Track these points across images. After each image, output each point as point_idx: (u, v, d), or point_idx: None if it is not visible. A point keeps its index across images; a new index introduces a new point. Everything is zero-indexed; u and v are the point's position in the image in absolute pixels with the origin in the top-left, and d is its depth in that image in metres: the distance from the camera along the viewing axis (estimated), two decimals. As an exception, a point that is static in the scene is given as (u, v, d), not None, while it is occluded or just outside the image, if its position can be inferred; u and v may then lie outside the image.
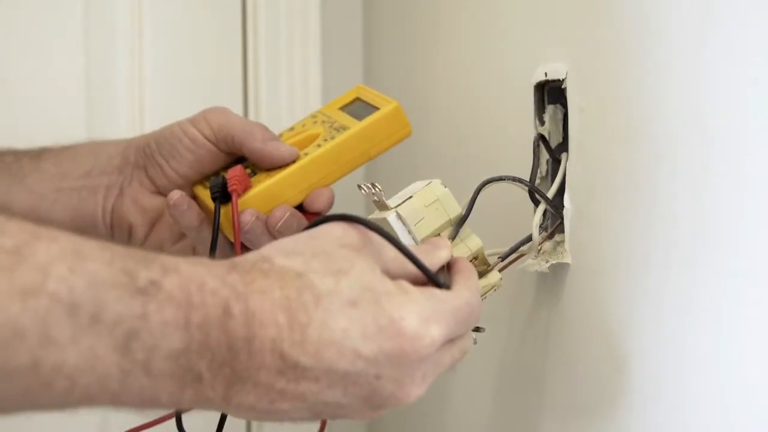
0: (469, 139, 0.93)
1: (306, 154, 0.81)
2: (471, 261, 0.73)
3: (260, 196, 0.80)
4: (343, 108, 0.89)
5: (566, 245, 0.76)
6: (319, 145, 0.81)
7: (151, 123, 1.17)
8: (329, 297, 0.57)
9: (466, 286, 0.64)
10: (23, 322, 0.49)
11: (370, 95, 0.88)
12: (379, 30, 1.22)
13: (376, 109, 0.85)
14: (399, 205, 0.71)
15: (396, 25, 1.16)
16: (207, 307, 0.54)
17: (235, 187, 0.79)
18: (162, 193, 0.85)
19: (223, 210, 0.79)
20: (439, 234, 0.72)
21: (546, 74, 0.77)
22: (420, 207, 0.71)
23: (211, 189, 0.80)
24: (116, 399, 0.53)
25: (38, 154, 0.87)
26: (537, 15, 0.81)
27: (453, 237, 0.72)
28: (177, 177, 0.84)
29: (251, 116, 1.21)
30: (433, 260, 0.65)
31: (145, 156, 0.85)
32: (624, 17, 0.68)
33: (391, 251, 0.62)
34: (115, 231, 0.86)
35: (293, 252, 0.59)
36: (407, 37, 1.12)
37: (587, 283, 0.74)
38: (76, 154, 0.87)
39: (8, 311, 0.49)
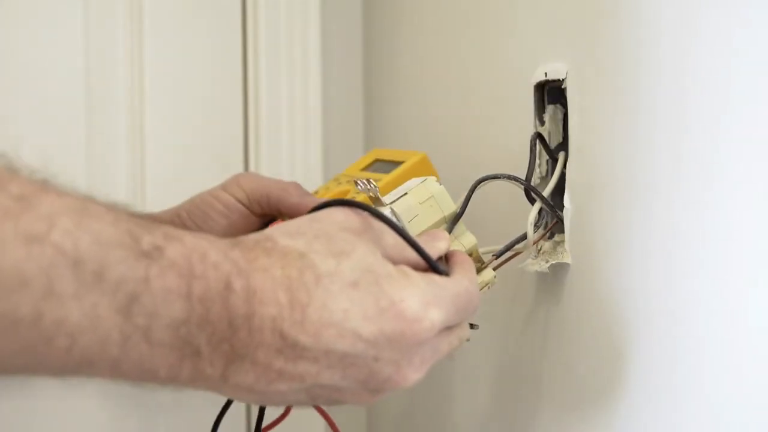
0: (468, 139, 0.93)
1: None
2: None
3: None
4: (365, 169, 0.91)
5: (566, 245, 0.76)
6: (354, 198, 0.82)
7: (151, 123, 1.17)
8: (330, 277, 0.57)
9: (466, 276, 0.64)
10: (28, 270, 0.48)
11: (389, 154, 0.91)
12: (379, 30, 1.22)
13: (396, 162, 0.88)
14: (394, 201, 0.71)
15: (396, 26, 1.16)
16: (209, 279, 0.54)
17: None
18: None
19: None
20: (434, 230, 0.72)
21: (546, 74, 0.77)
22: (414, 204, 0.71)
23: None
24: (115, 367, 0.52)
25: None
26: (537, 15, 0.81)
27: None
28: None
29: (251, 116, 1.21)
30: (432, 251, 0.65)
31: (175, 226, 0.86)
32: (624, 17, 0.68)
33: (392, 237, 0.62)
34: None
35: (296, 233, 0.60)
36: (407, 38, 1.12)
37: (587, 283, 0.74)
38: None
39: (13, 256, 0.48)
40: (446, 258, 0.67)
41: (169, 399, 1.13)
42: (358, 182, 0.71)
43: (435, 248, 0.66)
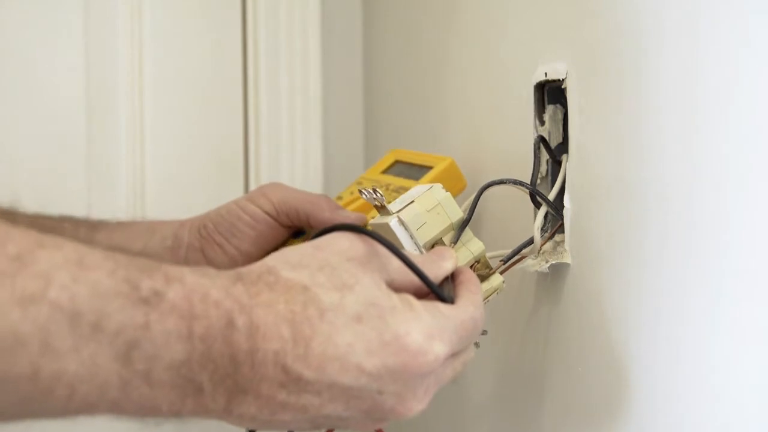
0: (469, 139, 0.93)
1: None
2: (473, 265, 0.73)
3: None
4: (385, 172, 0.90)
5: (566, 245, 0.76)
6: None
7: (151, 122, 1.17)
8: (334, 311, 0.57)
9: (471, 300, 0.64)
10: (24, 330, 0.49)
11: (410, 156, 0.90)
12: (379, 30, 1.22)
13: (422, 166, 0.86)
14: (401, 209, 0.71)
15: (396, 26, 1.16)
16: (210, 318, 0.54)
17: None
18: None
19: None
20: (441, 238, 0.72)
21: (546, 74, 0.77)
22: (422, 211, 0.71)
23: None
24: (116, 407, 0.53)
25: (94, 226, 0.87)
26: (537, 15, 0.81)
27: (455, 241, 0.72)
28: (238, 255, 0.85)
29: (251, 116, 1.21)
30: (438, 271, 0.65)
31: (201, 237, 0.85)
32: (624, 17, 0.68)
33: (397, 262, 0.62)
34: None
35: (299, 264, 0.60)
36: (407, 38, 1.12)
37: (587, 283, 0.74)
38: (130, 231, 0.87)
39: (9, 318, 0.49)
40: (452, 276, 0.67)
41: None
42: (363, 192, 0.71)
43: (441, 268, 0.66)
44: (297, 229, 0.86)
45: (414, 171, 0.89)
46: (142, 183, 1.17)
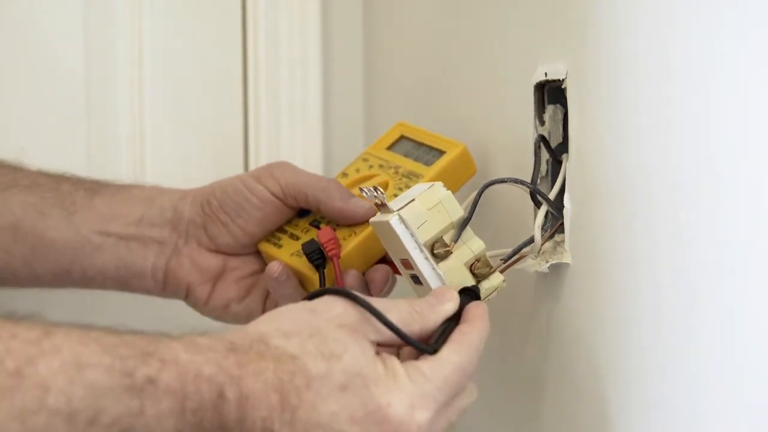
0: (469, 139, 0.93)
1: None
2: (473, 263, 0.73)
3: (355, 253, 0.81)
4: (391, 148, 0.89)
5: (566, 245, 0.76)
6: (395, 195, 0.80)
7: (151, 123, 1.17)
8: (321, 381, 0.59)
9: (457, 348, 0.65)
10: None
11: (416, 133, 0.89)
12: (379, 29, 1.22)
13: (431, 148, 0.85)
14: (401, 208, 0.71)
15: (396, 25, 1.16)
16: (202, 393, 0.57)
17: (334, 251, 0.80)
18: (222, 251, 0.85)
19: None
20: (442, 236, 0.72)
21: (546, 74, 0.77)
22: (423, 210, 0.71)
23: (309, 256, 0.81)
24: None
25: (94, 190, 0.87)
26: (537, 15, 0.81)
27: (455, 239, 0.72)
28: (243, 235, 0.85)
29: (251, 116, 1.21)
30: (437, 317, 0.67)
31: (203, 213, 0.85)
32: (624, 17, 0.68)
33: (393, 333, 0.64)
34: (169, 289, 0.86)
35: (291, 332, 0.62)
36: (407, 37, 1.12)
37: (587, 283, 0.74)
38: (130, 198, 0.87)
39: None
40: (462, 313, 0.68)
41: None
42: (364, 190, 0.71)
43: (441, 312, 0.67)
44: (304, 210, 0.85)
45: (423, 152, 0.88)
46: (142, 180, 1.17)
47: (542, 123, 0.79)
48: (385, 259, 0.82)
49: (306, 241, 0.81)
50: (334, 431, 0.59)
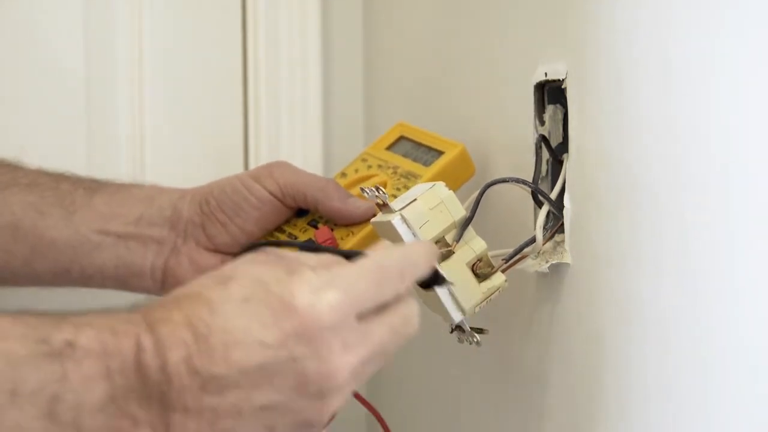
0: (469, 139, 0.93)
1: None
2: (475, 263, 0.73)
3: None
4: (390, 148, 0.89)
5: (566, 245, 0.76)
6: (394, 196, 0.80)
7: (151, 123, 1.17)
8: (221, 302, 0.58)
9: (376, 251, 0.63)
10: None
11: (416, 133, 0.89)
12: (379, 29, 1.22)
13: (430, 149, 0.85)
14: (403, 207, 0.71)
15: (396, 25, 1.16)
16: (122, 350, 0.56)
17: None
18: (220, 251, 0.85)
19: None
20: (443, 236, 0.72)
21: (546, 74, 0.77)
22: (424, 210, 0.71)
23: None
24: None
25: (94, 189, 0.87)
26: (537, 15, 0.81)
27: (457, 239, 0.72)
28: (241, 234, 0.85)
29: (251, 116, 1.21)
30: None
31: (202, 213, 0.85)
32: (624, 17, 0.68)
33: (312, 255, 0.62)
34: (167, 288, 0.86)
35: (191, 283, 0.61)
36: (407, 37, 1.12)
37: (587, 283, 0.74)
38: (129, 197, 0.87)
39: None
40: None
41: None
42: (365, 190, 0.71)
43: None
44: (302, 210, 0.85)
45: (422, 153, 0.88)
46: (142, 180, 1.17)
47: (542, 123, 0.79)
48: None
49: (303, 241, 0.82)
50: (251, 344, 0.57)
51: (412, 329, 0.63)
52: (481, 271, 0.73)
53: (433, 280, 0.67)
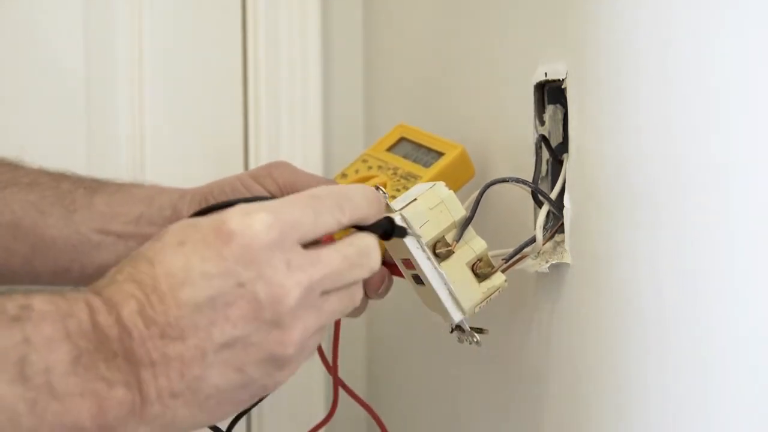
0: (469, 139, 0.93)
1: None
2: (475, 263, 0.73)
3: None
4: (391, 149, 0.89)
5: (566, 245, 0.76)
6: (394, 197, 0.80)
7: (151, 123, 1.17)
8: (158, 252, 0.59)
9: (312, 190, 0.64)
10: None
11: (416, 134, 0.89)
12: (379, 30, 1.22)
13: (430, 150, 0.85)
14: (403, 207, 0.71)
15: (396, 25, 1.16)
16: (75, 311, 0.56)
17: None
18: None
19: None
20: (444, 236, 0.72)
21: (546, 74, 0.77)
22: (424, 209, 0.71)
23: None
24: None
25: (94, 189, 0.88)
26: (537, 15, 0.81)
27: (458, 239, 0.72)
28: None
29: (251, 116, 1.21)
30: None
31: None
32: (624, 17, 0.68)
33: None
34: None
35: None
36: (407, 37, 1.12)
37: (587, 283, 0.74)
38: (129, 197, 0.87)
39: None
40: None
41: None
42: None
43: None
44: None
45: (422, 154, 0.88)
46: (142, 180, 1.17)
47: (542, 123, 0.79)
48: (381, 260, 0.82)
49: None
50: (194, 279, 0.57)
51: (370, 261, 0.63)
52: (481, 271, 0.73)
53: (390, 229, 0.68)
